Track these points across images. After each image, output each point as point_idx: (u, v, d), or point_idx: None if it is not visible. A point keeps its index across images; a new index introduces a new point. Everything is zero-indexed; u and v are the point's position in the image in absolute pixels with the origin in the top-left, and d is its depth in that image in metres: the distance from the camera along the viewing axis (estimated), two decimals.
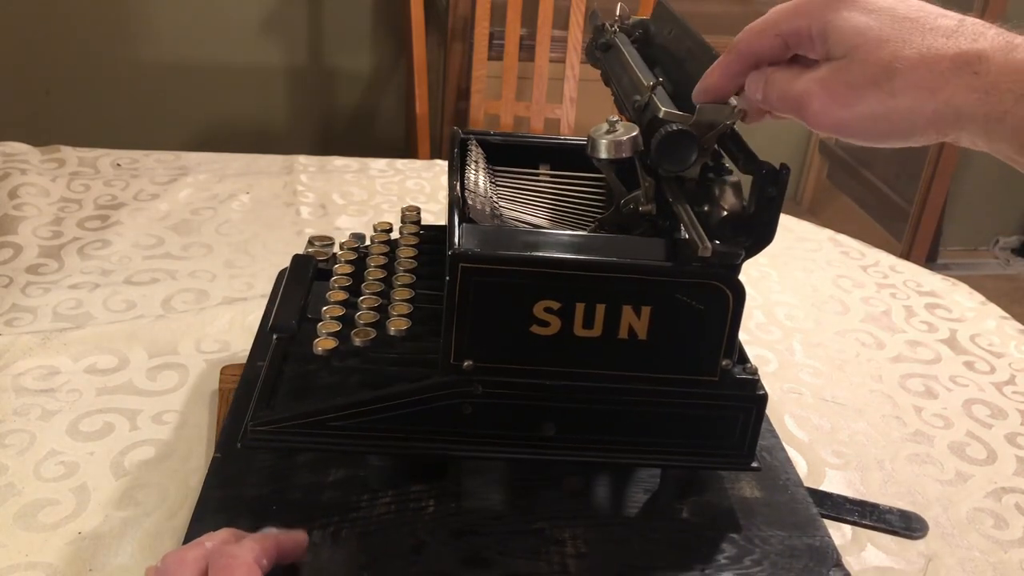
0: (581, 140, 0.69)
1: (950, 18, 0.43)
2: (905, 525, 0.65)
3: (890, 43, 0.42)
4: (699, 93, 0.52)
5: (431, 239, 0.67)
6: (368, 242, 0.70)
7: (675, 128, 0.52)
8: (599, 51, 0.72)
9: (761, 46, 0.48)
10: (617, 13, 0.73)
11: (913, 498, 0.70)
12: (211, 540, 0.49)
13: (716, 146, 0.55)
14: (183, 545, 0.50)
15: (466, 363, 0.52)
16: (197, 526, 0.54)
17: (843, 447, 0.75)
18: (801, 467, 0.71)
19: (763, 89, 0.48)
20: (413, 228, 0.68)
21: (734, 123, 0.52)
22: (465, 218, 0.54)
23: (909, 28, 0.43)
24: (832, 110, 0.44)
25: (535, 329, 0.51)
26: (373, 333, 0.56)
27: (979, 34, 0.42)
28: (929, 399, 0.83)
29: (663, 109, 0.54)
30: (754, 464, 0.57)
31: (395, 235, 0.70)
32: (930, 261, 2.45)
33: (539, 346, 0.52)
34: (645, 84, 0.58)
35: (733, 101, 0.51)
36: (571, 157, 0.68)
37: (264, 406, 0.56)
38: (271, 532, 0.51)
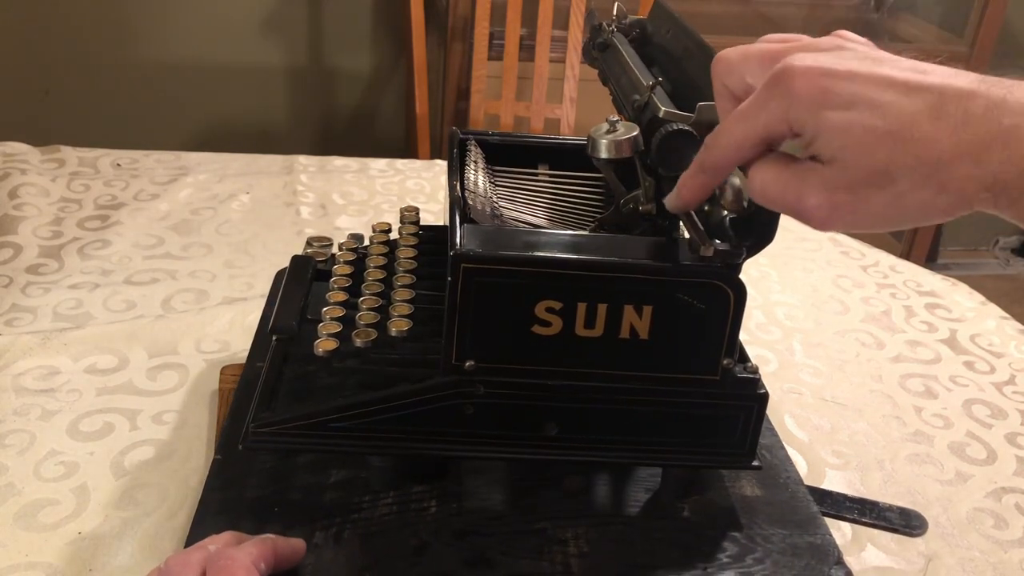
0: (579, 140, 0.69)
1: (933, 79, 0.40)
2: (905, 523, 0.65)
3: (884, 144, 0.39)
4: (671, 203, 0.49)
5: (430, 239, 0.67)
6: (367, 243, 0.70)
7: (675, 128, 0.51)
8: (596, 51, 0.72)
9: (741, 158, 0.45)
10: (614, 13, 0.73)
11: (913, 498, 0.70)
12: (214, 543, 0.49)
13: None
14: (185, 547, 0.50)
15: (468, 363, 0.52)
16: (198, 528, 0.54)
17: (843, 447, 0.75)
18: (801, 467, 0.71)
19: (750, 186, 0.45)
20: (412, 228, 0.68)
21: None
22: (466, 218, 0.54)
23: (892, 99, 0.40)
24: (835, 215, 0.42)
25: (536, 329, 0.51)
26: (374, 334, 0.56)
27: (964, 98, 0.38)
28: (929, 399, 0.83)
29: (663, 108, 0.54)
30: (755, 463, 0.57)
31: (394, 235, 0.70)
32: (930, 261, 2.45)
33: (541, 346, 0.52)
34: (644, 84, 0.58)
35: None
36: (570, 157, 0.68)
37: (265, 407, 0.56)
38: (270, 537, 0.51)
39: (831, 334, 0.93)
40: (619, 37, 0.70)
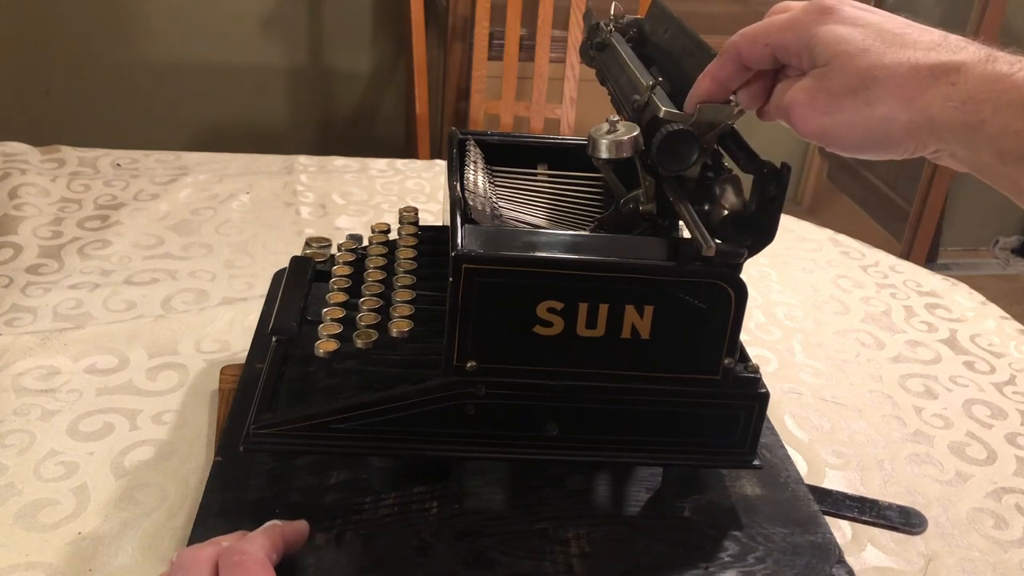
0: (578, 140, 0.69)
1: (933, 34, 0.44)
2: (905, 521, 0.65)
3: (870, 53, 0.43)
4: (691, 100, 0.53)
5: (429, 240, 0.67)
6: (365, 243, 0.70)
7: (676, 128, 0.52)
8: (594, 50, 0.72)
9: (751, 54, 0.49)
10: (612, 12, 0.73)
11: (913, 498, 0.70)
12: (226, 540, 0.49)
13: (717, 146, 0.55)
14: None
15: (469, 364, 0.52)
16: (199, 530, 0.54)
17: (843, 447, 0.75)
18: (801, 467, 0.71)
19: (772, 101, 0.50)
20: (411, 229, 0.68)
21: (734, 122, 0.52)
22: (467, 219, 0.54)
23: (891, 40, 0.43)
24: (813, 117, 0.46)
25: (538, 329, 0.51)
26: (375, 335, 0.56)
27: (960, 48, 0.42)
28: (929, 399, 0.83)
29: (663, 108, 0.54)
30: (756, 462, 0.57)
31: (392, 236, 0.70)
32: (930, 261, 2.45)
33: (542, 346, 0.52)
34: (644, 84, 0.58)
35: (733, 99, 0.51)
36: (568, 157, 0.68)
37: (266, 409, 0.56)
38: (275, 524, 0.52)
39: (831, 334, 0.93)
40: (617, 37, 0.70)
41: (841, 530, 0.65)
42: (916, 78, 0.42)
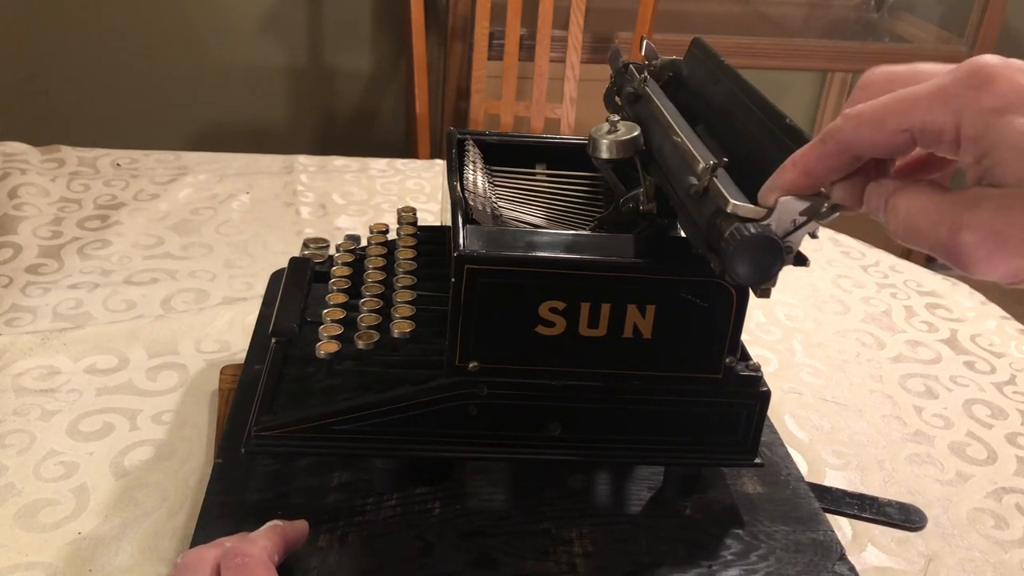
0: (576, 139, 0.69)
1: None
2: (904, 517, 0.65)
3: None
4: (770, 192, 0.41)
5: (428, 240, 0.67)
6: (364, 243, 0.70)
7: (752, 231, 0.41)
8: (625, 101, 0.61)
9: (876, 142, 0.36)
10: (643, 53, 0.62)
11: (913, 498, 0.70)
12: (229, 541, 0.49)
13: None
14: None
15: (471, 364, 0.52)
16: (201, 532, 0.54)
17: (843, 447, 0.75)
18: (802, 467, 0.71)
19: (884, 213, 0.37)
20: (410, 230, 0.68)
21: (824, 222, 0.41)
22: (469, 219, 0.54)
23: None
24: (1002, 259, 0.33)
25: (540, 329, 0.51)
26: (376, 336, 0.56)
27: None
28: (929, 399, 0.83)
29: (731, 201, 0.42)
30: (757, 460, 0.57)
31: (391, 236, 0.70)
32: (930, 261, 2.45)
33: (544, 346, 0.52)
34: (703, 164, 0.46)
35: (824, 191, 0.40)
36: (567, 156, 0.68)
37: (266, 411, 0.56)
38: (276, 524, 0.52)
39: (831, 334, 0.93)
40: (653, 86, 0.60)
41: (841, 530, 0.65)
42: None
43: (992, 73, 0.33)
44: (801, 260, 0.45)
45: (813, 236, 0.43)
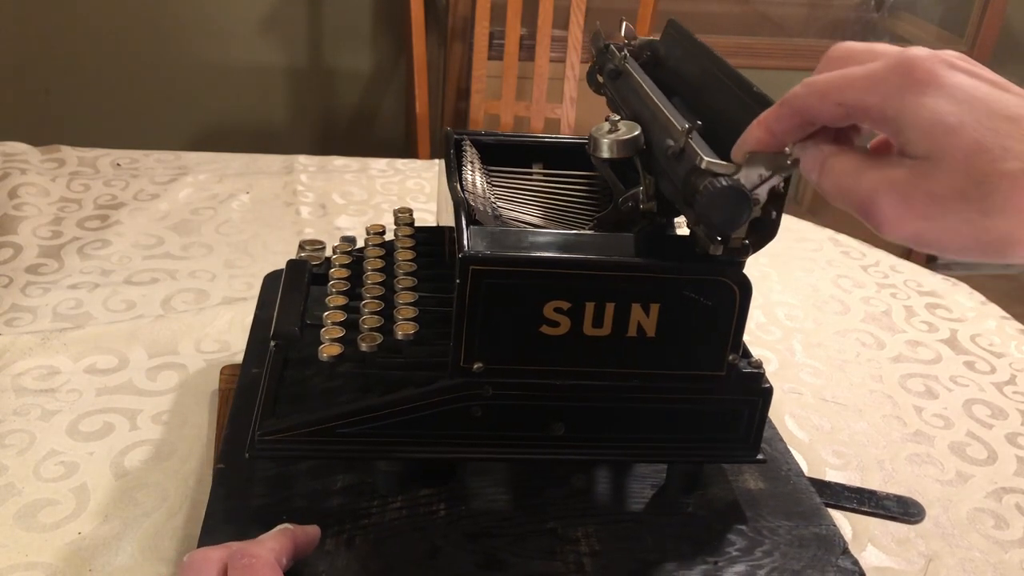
0: (571, 139, 0.69)
1: None
2: (903, 510, 0.65)
3: (986, 152, 0.35)
4: (739, 149, 0.45)
5: (426, 241, 0.66)
6: (360, 244, 0.70)
7: (724, 183, 0.45)
8: (607, 78, 0.65)
9: (819, 110, 0.41)
10: (622, 33, 0.66)
11: (913, 498, 0.70)
12: (236, 543, 0.49)
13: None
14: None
15: (476, 365, 0.52)
16: (207, 538, 0.54)
17: (843, 447, 0.75)
18: (802, 467, 0.71)
19: (819, 174, 0.42)
20: (407, 231, 0.68)
21: (788, 175, 0.46)
22: (472, 220, 0.54)
23: (1009, 131, 0.35)
24: (907, 220, 0.37)
25: (545, 329, 0.51)
26: (379, 338, 0.56)
27: None
28: (929, 399, 0.83)
29: (705, 159, 0.47)
30: (760, 456, 0.58)
31: (387, 237, 0.70)
32: (930, 261, 2.44)
33: (548, 346, 0.52)
34: (678, 126, 0.51)
35: (789, 150, 0.44)
36: (563, 156, 0.68)
37: (269, 415, 0.56)
38: (287, 528, 0.51)
39: (831, 334, 0.93)
40: (632, 63, 0.64)
41: (841, 529, 0.65)
42: None
43: (915, 63, 0.37)
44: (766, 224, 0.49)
45: (782, 192, 0.47)
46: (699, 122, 0.50)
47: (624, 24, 0.67)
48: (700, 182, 0.46)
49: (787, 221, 1.17)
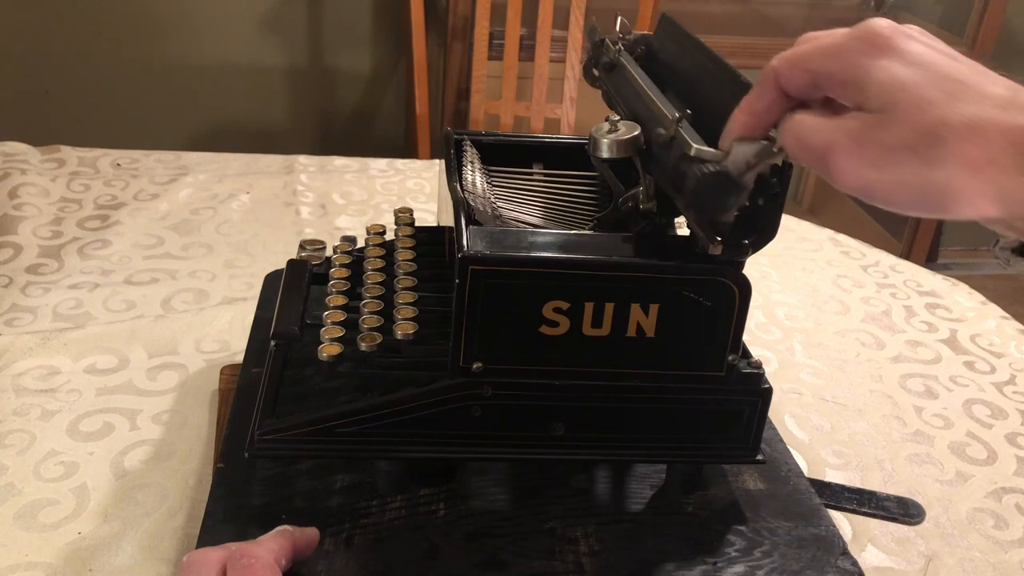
0: (571, 139, 0.69)
1: (1002, 86, 0.38)
2: (903, 511, 0.65)
3: (935, 106, 0.37)
4: (726, 137, 0.46)
5: (427, 241, 0.67)
6: (360, 244, 0.70)
7: (712, 169, 0.46)
8: (602, 71, 0.66)
9: (791, 79, 0.43)
10: (617, 28, 0.68)
11: (913, 498, 0.70)
12: (235, 544, 0.49)
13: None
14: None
15: (475, 365, 0.52)
16: (207, 537, 0.54)
17: (843, 447, 0.75)
18: (802, 467, 0.71)
19: (783, 133, 0.43)
20: (408, 231, 0.68)
21: (776, 161, 0.46)
22: (472, 220, 0.54)
23: (957, 91, 0.37)
24: (859, 169, 0.39)
25: (544, 329, 0.51)
26: (379, 338, 0.56)
27: None
28: (929, 399, 0.83)
29: (694, 146, 0.48)
30: (759, 457, 0.58)
31: (387, 237, 0.70)
32: (930, 261, 2.45)
33: (548, 346, 0.52)
34: (669, 116, 0.52)
35: (774, 134, 0.45)
36: (562, 156, 0.68)
37: (269, 414, 0.56)
38: (287, 529, 0.51)
39: (831, 334, 0.93)
40: (626, 56, 0.65)
41: (841, 530, 0.65)
42: (988, 144, 0.36)
43: (876, 31, 0.40)
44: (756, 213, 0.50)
45: (779, 191, 0.48)
46: (688, 111, 0.51)
47: (619, 19, 0.68)
48: (689, 169, 0.47)
49: (787, 221, 1.17)
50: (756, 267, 1.03)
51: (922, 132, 0.37)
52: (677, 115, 0.51)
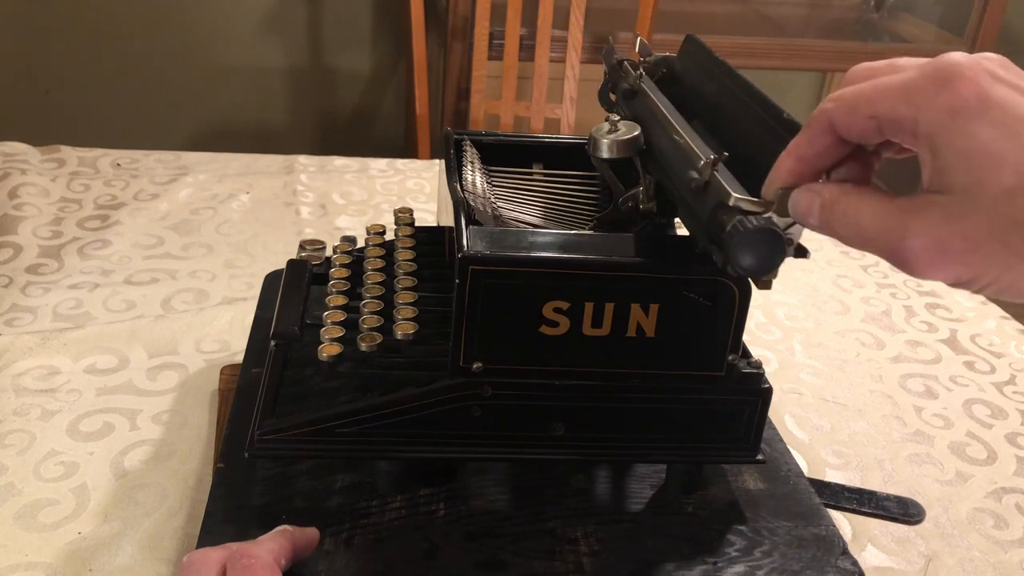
0: (570, 139, 0.69)
1: None
2: (903, 511, 0.65)
3: None
4: (771, 184, 0.41)
5: (427, 241, 0.67)
6: (360, 244, 0.70)
7: (754, 223, 0.41)
8: (620, 97, 0.61)
9: (850, 125, 0.37)
10: (637, 49, 0.63)
11: (913, 498, 0.70)
12: (235, 544, 0.49)
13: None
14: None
15: (475, 365, 0.52)
16: (207, 538, 0.54)
17: (843, 447, 0.75)
18: (802, 467, 0.71)
19: (819, 215, 0.38)
20: (408, 231, 0.68)
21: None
22: (472, 220, 0.54)
23: None
24: (943, 266, 0.34)
25: (544, 329, 0.51)
26: (379, 338, 0.56)
27: None
28: (929, 399, 0.83)
29: (733, 195, 0.43)
30: (759, 457, 0.58)
31: (387, 237, 0.70)
32: None
33: (548, 346, 0.52)
34: (703, 158, 0.47)
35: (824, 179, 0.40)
36: (562, 156, 0.68)
37: (269, 414, 0.56)
38: (287, 529, 0.52)
39: (831, 334, 0.93)
40: (648, 82, 0.60)
41: (841, 530, 0.65)
42: None
43: (956, 72, 0.34)
44: (802, 252, 0.46)
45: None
46: (726, 154, 0.46)
47: (639, 40, 0.64)
48: (728, 220, 0.42)
49: None
50: None
51: (1016, 223, 0.32)
52: (712, 156, 0.46)
